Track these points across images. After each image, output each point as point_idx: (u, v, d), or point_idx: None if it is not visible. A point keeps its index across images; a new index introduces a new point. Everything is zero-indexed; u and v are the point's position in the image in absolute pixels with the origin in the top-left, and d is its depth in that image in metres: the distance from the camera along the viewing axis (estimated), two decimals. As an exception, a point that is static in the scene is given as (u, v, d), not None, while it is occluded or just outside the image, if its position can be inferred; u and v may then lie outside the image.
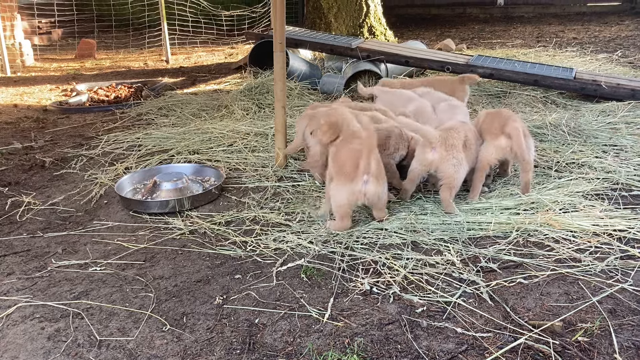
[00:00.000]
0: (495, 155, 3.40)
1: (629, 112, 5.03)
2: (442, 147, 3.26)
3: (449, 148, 3.26)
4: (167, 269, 2.81)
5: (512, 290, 2.51)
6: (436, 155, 3.26)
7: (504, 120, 3.41)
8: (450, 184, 3.26)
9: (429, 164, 3.29)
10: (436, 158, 3.26)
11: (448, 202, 3.27)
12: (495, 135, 3.40)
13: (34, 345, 2.24)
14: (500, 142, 3.39)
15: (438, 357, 2.09)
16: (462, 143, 3.31)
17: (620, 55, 8.19)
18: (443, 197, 3.28)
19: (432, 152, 3.27)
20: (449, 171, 3.25)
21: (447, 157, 3.25)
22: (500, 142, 3.39)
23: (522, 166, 3.43)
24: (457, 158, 3.26)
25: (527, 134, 3.43)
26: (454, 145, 3.27)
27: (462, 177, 3.32)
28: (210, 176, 4.00)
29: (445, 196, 3.27)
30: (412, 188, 3.44)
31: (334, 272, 2.70)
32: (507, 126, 3.37)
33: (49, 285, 2.70)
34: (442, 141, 3.27)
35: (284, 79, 3.98)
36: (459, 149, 3.28)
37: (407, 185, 3.43)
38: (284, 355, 2.13)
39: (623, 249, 2.80)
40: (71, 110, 6.29)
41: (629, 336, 2.17)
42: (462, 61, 6.39)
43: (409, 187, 3.43)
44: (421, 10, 15.87)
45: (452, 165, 3.25)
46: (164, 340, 2.25)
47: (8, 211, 3.58)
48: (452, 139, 3.29)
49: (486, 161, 3.40)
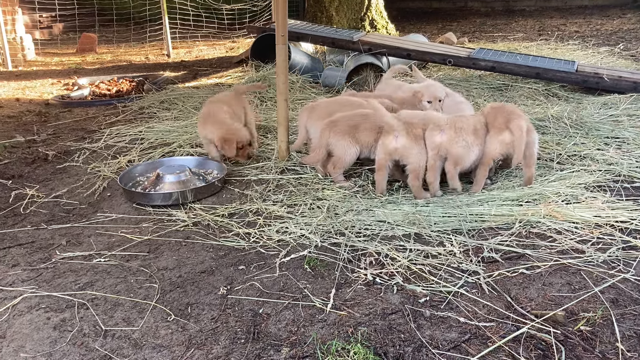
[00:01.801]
0: (499, 150, 3.41)
1: (631, 105, 5.03)
2: (450, 130, 3.28)
3: (458, 130, 3.28)
4: (171, 260, 2.83)
5: (515, 281, 2.52)
6: (445, 137, 3.27)
7: (507, 115, 3.42)
8: (457, 162, 3.28)
9: (438, 147, 3.30)
10: (445, 140, 3.28)
11: (453, 178, 3.30)
12: (499, 130, 3.40)
13: (40, 335, 2.26)
14: (505, 138, 3.39)
15: (441, 346, 2.10)
16: (472, 128, 3.33)
17: (622, 49, 8.18)
18: (450, 175, 3.30)
19: (440, 134, 3.28)
20: (458, 151, 3.27)
21: (456, 139, 3.27)
22: (505, 137, 3.39)
23: (525, 161, 3.43)
24: (467, 140, 3.28)
25: (531, 129, 3.42)
26: (463, 129, 3.30)
27: (471, 160, 3.34)
28: (212, 169, 4.02)
29: (451, 173, 3.29)
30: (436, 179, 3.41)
31: (337, 262, 2.71)
32: (511, 122, 3.36)
33: (54, 276, 2.71)
34: (451, 124, 3.30)
35: (286, 72, 3.99)
36: (469, 132, 3.31)
37: (430, 178, 3.40)
38: (288, 345, 2.15)
39: (625, 239, 2.81)
40: (73, 104, 6.30)
41: (631, 325, 2.18)
42: (464, 54, 6.38)
43: (432, 179, 3.40)
44: (422, 4, 15.83)
45: (461, 147, 3.27)
46: (169, 330, 2.27)
47: (12, 204, 3.60)
48: (461, 122, 3.32)
49: (490, 156, 3.41)
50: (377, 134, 3.53)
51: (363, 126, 3.55)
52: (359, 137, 3.55)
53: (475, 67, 6.33)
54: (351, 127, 3.55)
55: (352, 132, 3.54)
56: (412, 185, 3.36)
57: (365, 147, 3.58)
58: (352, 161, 3.62)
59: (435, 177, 3.37)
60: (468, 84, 6.18)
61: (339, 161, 3.59)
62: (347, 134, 3.54)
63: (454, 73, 7.04)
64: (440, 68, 7.27)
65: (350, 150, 3.55)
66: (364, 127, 3.55)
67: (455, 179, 3.29)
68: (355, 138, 3.55)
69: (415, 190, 3.36)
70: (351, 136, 3.54)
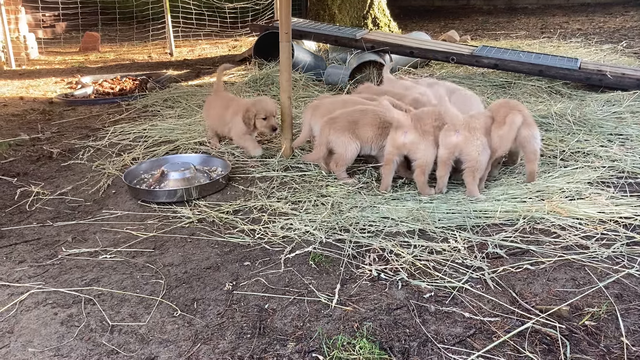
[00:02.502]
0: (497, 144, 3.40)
1: (635, 102, 5.02)
2: (465, 130, 3.29)
3: (473, 131, 3.29)
4: (177, 256, 2.84)
5: (519, 276, 2.53)
6: (460, 137, 3.28)
7: (508, 109, 3.42)
8: (473, 166, 3.28)
9: (454, 147, 3.31)
10: (460, 140, 3.28)
11: (472, 186, 3.29)
12: (499, 125, 3.41)
13: (48, 330, 2.27)
14: (502, 132, 3.39)
15: (447, 341, 2.11)
16: (483, 128, 3.34)
17: (625, 46, 8.16)
18: (467, 180, 3.30)
19: (456, 135, 3.29)
20: (472, 154, 3.27)
21: (472, 139, 3.28)
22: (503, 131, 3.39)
23: (526, 156, 3.44)
24: (481, 140, 3.29)
25: (530, 124, 3.42)
26: (476, 129, 3.30)
27: (486, 161, 3.34)
28: (217, 166, 4.03)
29: (469, 180, 3.29)
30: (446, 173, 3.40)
31: (342, 258, 2.72)
32: (508, 117, 3.37)
33: (60, 272, 2.73)
34: (466, 125, 3.31)
35: (289, 70, 4.00)
36: (482, 132, 3.32)
37: (440, 172, 3.39)
38: (294, 339, 2.16)
39: (629, 235, 2.82)
40: (77, 102, 6.32)
41: (636, 320, 2.19)
42: (467, 52, 6.39)
43: (443, 172, 3.39)
44: (425, 2, 15.82)
45: (475, 148, 3.27)
46: (175, 325, 2.28)
47: (17, 201, 3.62)
48: (475, 122, 3.33)
49: (492, 150, 3.41)
50: (377, 129, 3.54)
51: (362, 122, 3.56)
52: (359, 133, 3.56)
53: (478, 65, 6.33)
54: (350, 123, 3.56)
55: (351, 128, 3.56)
56: (417, 181, 3.37)
57: (365, 142, 3.59)
58: (354, 157, 3.63)
59: (445, 171, 3.38)
60: (471, 82, 6.17)
61: (341, 158, 3.60)
62: (347, 130, 3.55)
63: (457, 71, 7.04)
64: (443, 66, 7.28)
65: (350, 147, 3.56)
66: (363, 122, 3.56)
67: (475, 190, 3.29)
68: (355, 134, 3.56)
69: (420, 185, 3.37)
70: (351, 132, 3.55)
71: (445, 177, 3.40)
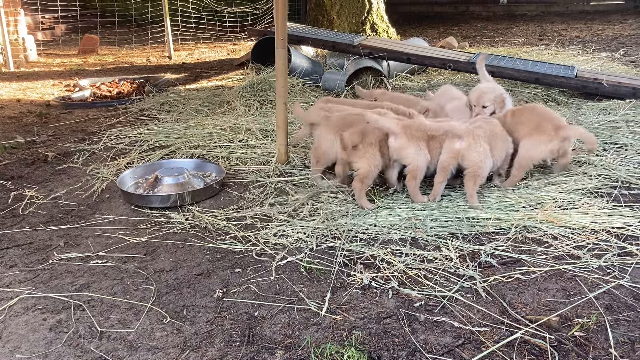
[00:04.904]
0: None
1: (630, 111, 5.03)
2: (469, 137, 3.33)
3: (476, 138, 3.33)
4: (168, 262, 2.84)
5: (510, 286, 2.53)
6: (464, 143, 3.31)
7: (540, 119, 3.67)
8: (475, 172, 3.29)
9: (456, 153, 3.33)
10: (464, 146, 3.31)
11: (472, 193, 3.29)
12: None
13: (36, 336, 2.27)
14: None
15: (435, 351, 2.11)
16: (487, 137, 3.39)
17: (623, 54, 8.19)
18: (467, 185, 3.31)
19: (459, 142, 3.32)
20: (475, 159, 3.30)
21: (475, 145, 3.31)
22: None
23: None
24: (484, 147, 3.32)
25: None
26: (480, 136, 3.34)
27: (488, 168, 3.37)
28: (211, 171, 4.03)
29: (469, 185, 3.30)
30: (444, 181, 3.40)
31: (333, 266, 2.72)
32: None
33: (51, 277, 2.73)
34: (469, 132, 3.35)
35: (285, 75, 4.00)
36: (486, 140, 3.36)
37: (438, 178, 3.40)
38: (282, 348, 2.15)
39: (621, 245, 2.82)
40: (74, 105, 6.32)
41: (625, 331, 2.19)
42: (464, 59, 6.40)
43: (441, 179, 3.39)
44: (424, 8, 15.86)
45: (478, 154, 3.30)
46: (164, 332, 2.28)
47: (10, 204, 3.61)
48: (479, 130, 3.37)
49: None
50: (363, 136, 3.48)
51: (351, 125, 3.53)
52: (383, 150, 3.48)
53: (475, 72, 6.32)
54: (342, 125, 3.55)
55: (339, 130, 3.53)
56: (408, 186, 3.38)
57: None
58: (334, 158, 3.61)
59: (444, 178, 3.38)
60: (468, 89, 6.16)
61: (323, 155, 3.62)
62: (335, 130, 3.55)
63: (454, 77, 7.06)
64: (440, 72, 7.29)
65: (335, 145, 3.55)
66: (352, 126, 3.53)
67: (474, 198, 3.29)
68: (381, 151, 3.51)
69: (410, 190, 3.37)
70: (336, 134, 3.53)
71: (443, 184, 3.40)
